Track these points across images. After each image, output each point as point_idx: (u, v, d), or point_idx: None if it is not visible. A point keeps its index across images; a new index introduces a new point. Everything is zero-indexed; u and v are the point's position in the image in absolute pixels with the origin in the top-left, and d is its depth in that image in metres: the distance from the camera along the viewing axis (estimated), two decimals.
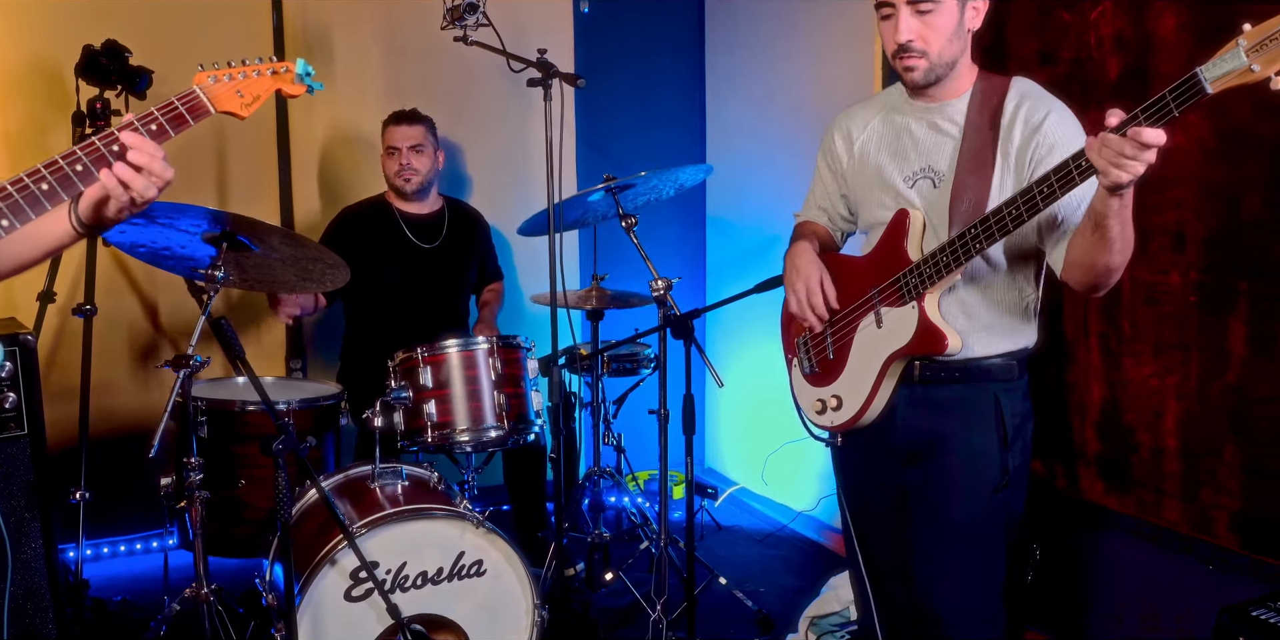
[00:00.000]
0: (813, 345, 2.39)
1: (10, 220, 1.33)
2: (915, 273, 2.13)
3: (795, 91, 4.17)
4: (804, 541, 4.09)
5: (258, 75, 1.57)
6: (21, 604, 2.71)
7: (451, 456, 3.32)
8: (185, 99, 1.50)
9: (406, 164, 3.68)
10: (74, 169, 1.39)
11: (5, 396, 2.70)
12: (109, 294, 3.73)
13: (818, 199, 2.51)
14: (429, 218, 3.81)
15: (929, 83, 2.16)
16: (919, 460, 2.26)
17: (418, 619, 2.62)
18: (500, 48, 2.99)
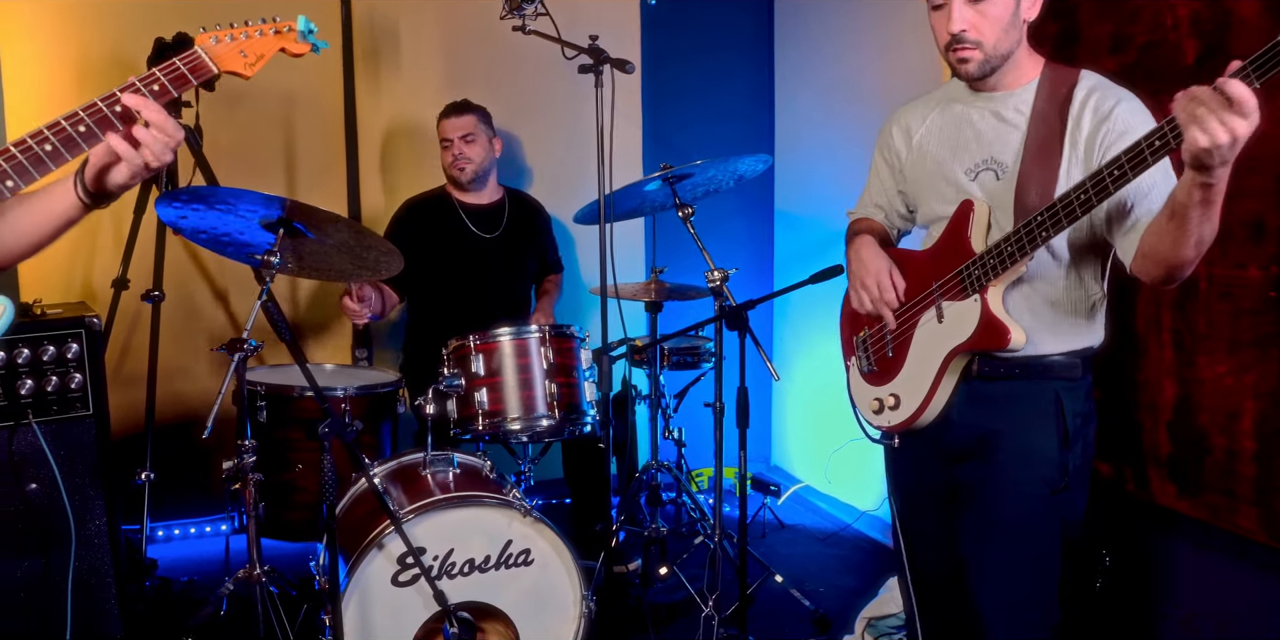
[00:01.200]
0: (872, 343, 2.33)
1: (15, 180, 1.35)
2: (979, 264, 2.06)
3: (863, 84, 4.09)
4: (866, 541, 4.00)
5: (260, 35, 1.56)
6: (85, 579, 2.79)
7: (508, 447, 3.33)
8: (187, 59, 1.50)
9: (460, 154, 3.72)
10: (77, 129, 1.39)
11: (71, 377, 2.78)
12: (179, 281, 3.83)
13: (874, 196, 2.45)
14: (489, 208, 3.84)
15: (983, 75, 2.09)
16: (972, 458, 2.18)
17: (464, 606, 2.63)
18: (555, 36, 2.99)
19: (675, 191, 3.23)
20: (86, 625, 2.80)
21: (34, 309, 2.88)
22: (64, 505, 2.75)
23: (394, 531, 2.51)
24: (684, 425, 3.74)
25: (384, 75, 4.11)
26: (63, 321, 2.81)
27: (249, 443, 2.62)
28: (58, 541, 2.76)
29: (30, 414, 2.74)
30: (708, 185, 3.41)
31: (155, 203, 2.83)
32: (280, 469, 2.97)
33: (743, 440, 2.95)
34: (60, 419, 2.79)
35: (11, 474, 2.72)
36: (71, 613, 2.75)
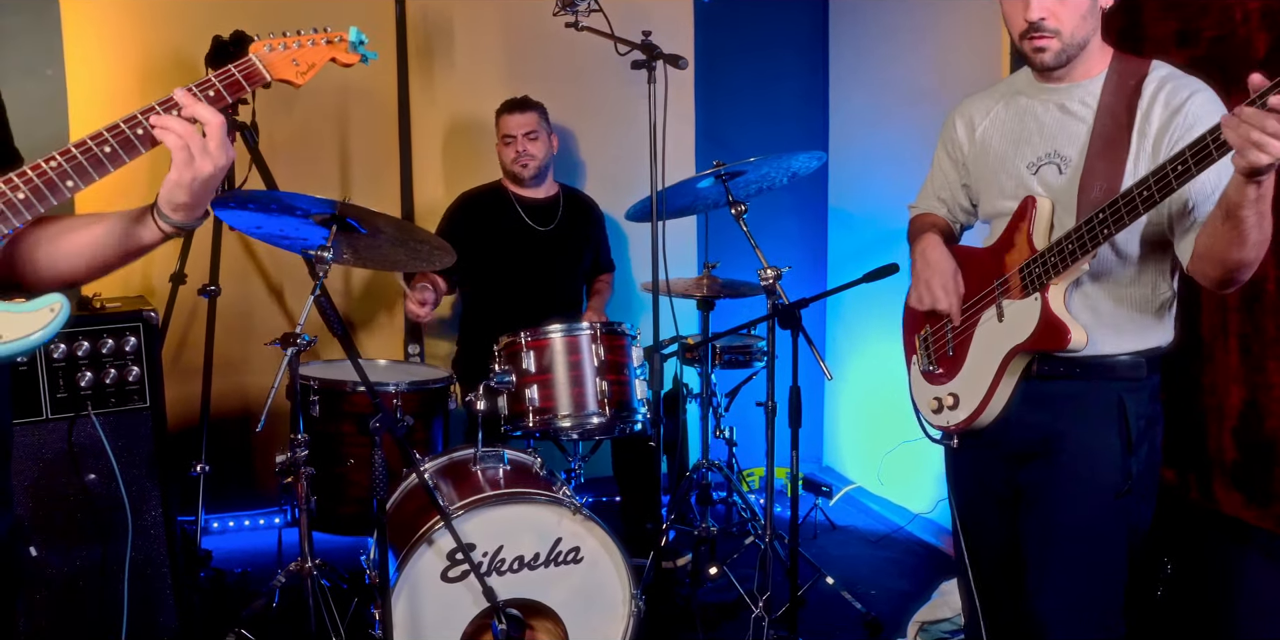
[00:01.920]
0: (933, 342, 2.29)
1: (75, 181, 1.36)
2: (1039, 262, 2.01)
3: (920, 80, 4.03)
4: (919, 545, 3.95)
5: (312, 44, 1.57)
6: (141, 569, 2.84)
7: (559, 444, 3.32)
8: (241, 66, 1.51)
9: (523, 151, 3.73)
10: (135, 132, 1.41)
11: (129, 370, 2.82)
12: (235, 276, 3.87)
13: (936, 189, 2.40)
14: (545, 202, 3.84)
15: (1059, 65, 2.04)
16: (1032, 460, 2.14)
17: (513, 603, 2.63)
18: (609, 32, 2.98)
19: (728, 188, 3.20)
20: (142, 614, 2.84)
21: (93, 302, 2.93)
22: (121, 496, 2.78)
23: (444, 527, 2.52)
24: (735, 424, 3.71)
25: (437, 71, 4.13)
26: (121, 315, 2.85)
27: (301, 437, 2.63)
28: (115, 531, 2.80)
29: (89, 406, 2.78)
30: (761, 182, 3.38)
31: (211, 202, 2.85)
32: (332, 463, 2.99)
33: (795, 440, 2.92)
34: (118, 411, 2.83)
35: (71, 464, 2.77)
36: (128, 601, 2.78)
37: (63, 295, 1.35)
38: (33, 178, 1.33)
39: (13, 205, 1.32)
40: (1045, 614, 2.10)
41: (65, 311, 1.34)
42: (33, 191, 1.33)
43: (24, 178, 1.33)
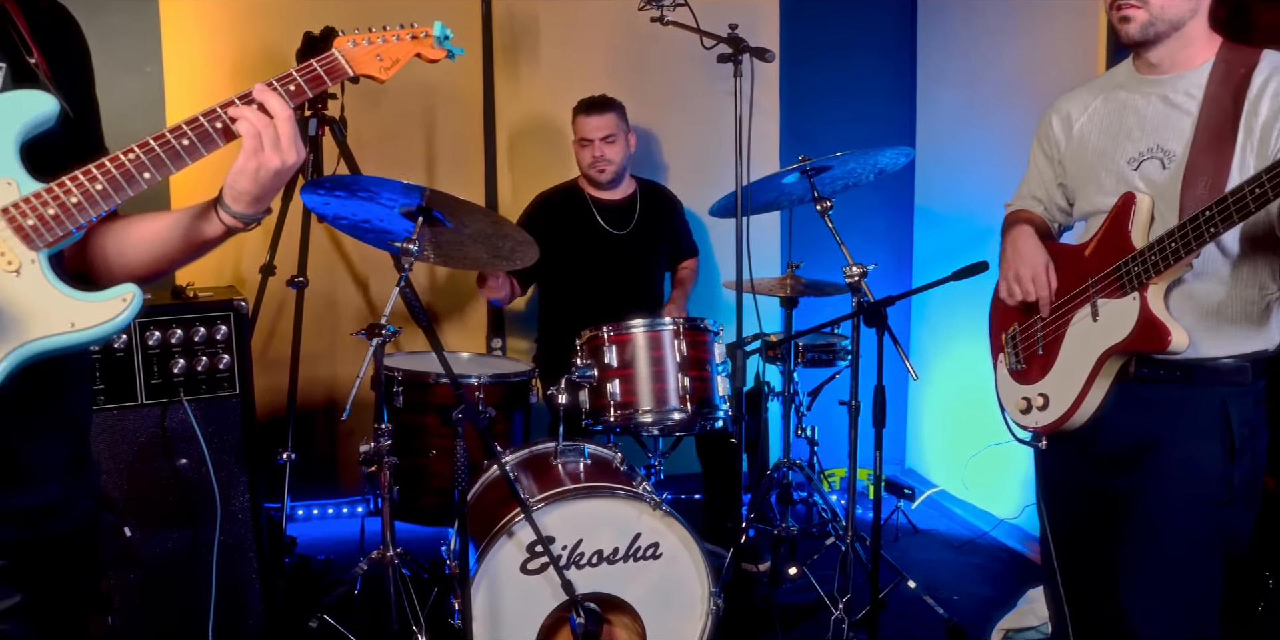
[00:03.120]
0: (1022, 340, 2.23)
1: (151, 172, 1.37)
2: (1139, 260, 1.94)
3: (1012, 75, 3.94)
4: (1004, 551, 3.85)
5: (397, 40, 1.56)
6: (229, 553, 2.89)
7: (639, 439, 3.31)
8: (324, 61, 1.51)
9: (600, 156, 3.70)
10: (214, 125, 1.41)
11: (220, 358, 2.88)
12: (322, 268, 3.94)
13: (1032, 187, 2.34)
14: (621, 203, 3.83)
15: (1146, 39, 1.97)
16: (1126, 466, 2.07)
17: (591, 597, 2.62)
18: (694, 26, 2.97)
19: (814, 184, 3.17)
20: (229, 596, 2.89)
21: (187, 292, 2.99)
22: (211, 481, 2.84)
23: (524, 519, 2.52)
24: (817, 423, 3.67)
25: (523, 68, 4.15)
26: (213, 304, 2.91)
27: (385, 427, 2.66)
28: (204, 515, 2.86)
29: (182, 392, 2.85)
30: (847, 178, 3.33)
31: (301, 190, 2.90)
32: (414, 454, 3.02)
33: (878, 441, 2.88)
34: (209, 398, 2.89)
35: (163, 449, 2.83)
36: (216, 584, 2.84)
37: (136, 286, 1.36)
38: (111, 170, 1.35)
39: (90, 196, 1.34)
40: (1137, 623, 2.03)
41: (138, 301, 1.35)
42: (110, 183, 1.34)
43: (102, 169, 1.35)
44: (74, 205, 1.33)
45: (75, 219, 1.33)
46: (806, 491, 3.85)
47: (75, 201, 1.33)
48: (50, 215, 1.32)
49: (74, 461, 1.48)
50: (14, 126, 1.32)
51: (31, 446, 1.38)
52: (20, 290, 1.30)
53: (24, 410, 1.35)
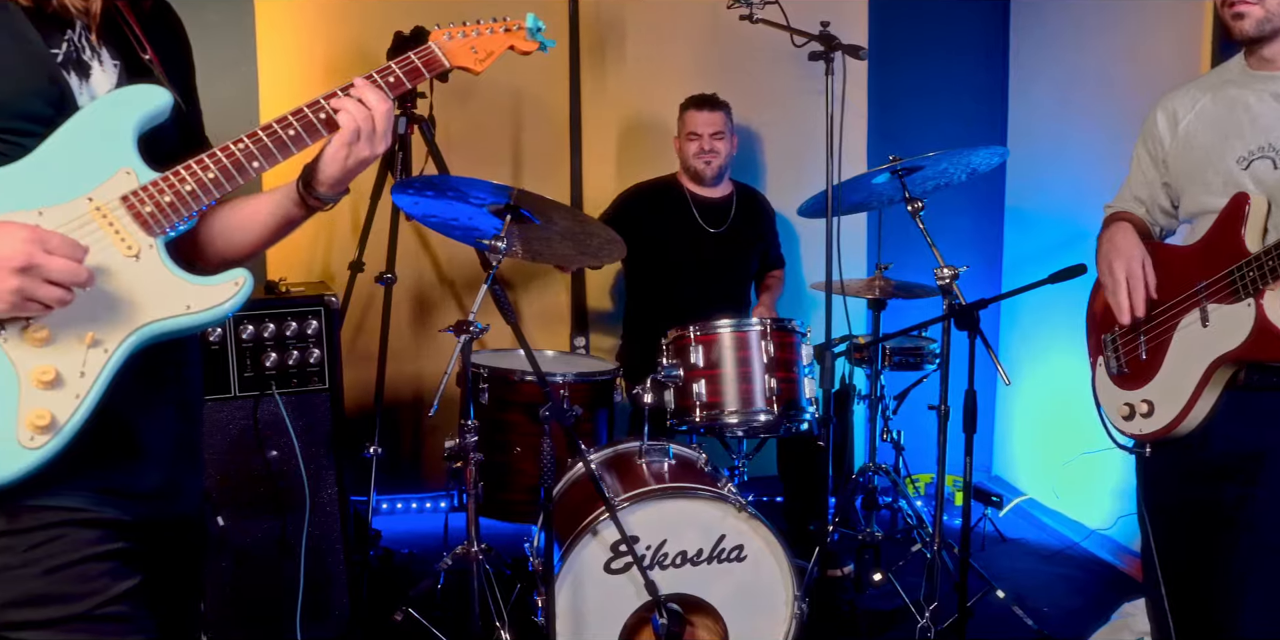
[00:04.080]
0: (1123, 343, 2.15)
1: (260, 161, 1.42)
2: (1255, 265, 1.86)
3: (1109, 72, 3.82)
4: (1096, 562, 3.74)
5: (491, 32, 1.59)
6: (316, 544, 2.94)
7: (723, 440, 3.29)
8: (421, 53, 1.54)
9: (709, 149, 3.70)
10: (318, 116, 1.46)
11: (310, 353, 2.92)
12: (410, 265, 3.98)
13: (1134, 188, 2.26)
14: (719, 201, 3.81)
15: (1261, 35, 1.89)
16: (1237, 476, 1.98)
17: (674, 598, 2.60)
18: (784, 24, 2.93)
19: (905, 184, 3.11)
20: (316, 586, 2.94)
21: (279, 287, 3.05)
22: (300, 473, 2.89)
23: (609, 518, 2.51)
24: (902, 427, 3.60)
25: (609, 67, 4.15)
26: (305, 299, 2.96)
27: (471, 423, 2.67)
28: (293, 507, 2.91)
29: (273, 385, 2.90)
30: (938, 179, 3.27)
31: (391, 189, 2.94)
32: (498, 450, 3.03)
33: (969, 447, 2.82)
34: (299, 391, 2.93)
35: (255, 441, 2.88)
36: (304, 574, 2.89)
37: (246, 270, 1.40)
38: (222, 159, 1.40)
39: (204, 184, 1.38)
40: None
41: (249, 284, 1.41)
42: (222, 172, 1.39)
43: (214, 159, 1.39)
44: (188, 193, 1.38)
45: (190, 206, 1.38)
46: (891, 497, 3.78)
47: (189, 189, 1.38)
48: (167, 203, 1.37)
49: (188, 445, 1.52)
50: (133, 119, 1.37)
51: (150, 428, 1.42)
52: (139, 274, 1.35)
53: (143, 392, 1.39)
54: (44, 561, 1.30)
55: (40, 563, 1.29)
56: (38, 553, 1.29)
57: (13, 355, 1.27)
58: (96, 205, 1.34)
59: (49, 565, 1.30)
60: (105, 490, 1.36)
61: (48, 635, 1.29)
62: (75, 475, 1.31)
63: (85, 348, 1.30)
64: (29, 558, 1.29)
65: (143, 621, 1.36)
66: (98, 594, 1.32)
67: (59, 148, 1.33)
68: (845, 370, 3.68)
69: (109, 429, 1.34)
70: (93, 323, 1.31)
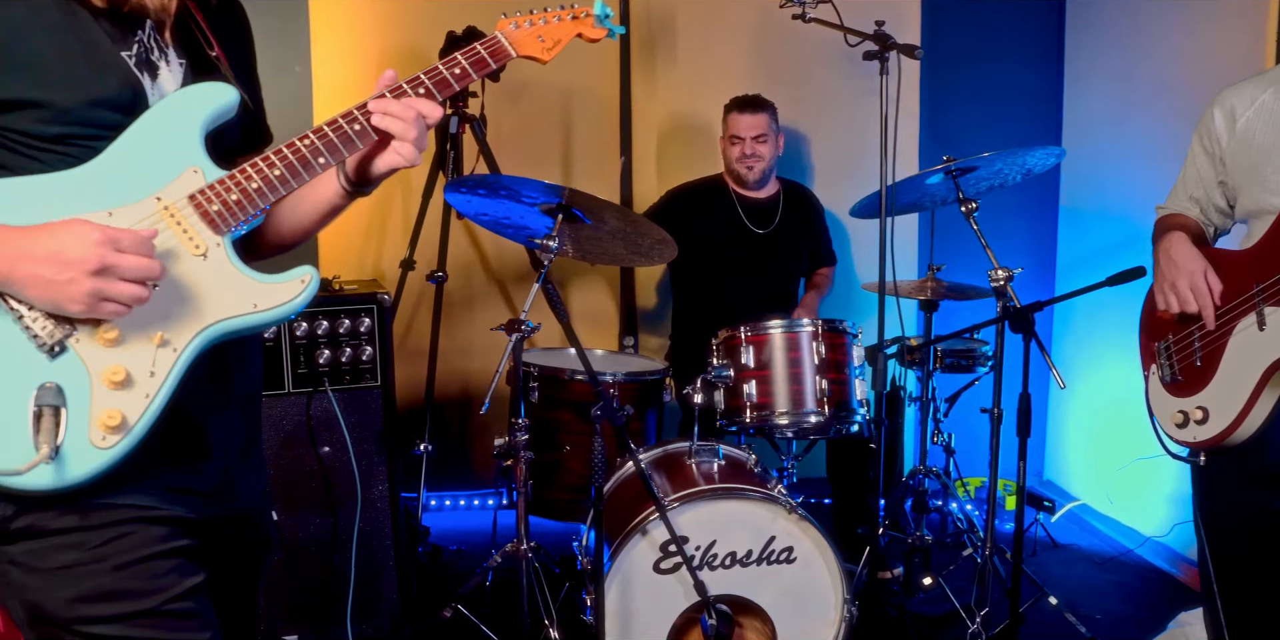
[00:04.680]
0: (1176, 350, 2.12)
1: (326, 157, 1.41)
2: None
3: (1168, 71, 3.76)
4: (1150, 570, 3.68)
5: (558, 20, 1.57)
6: (367, 539, 2.96)
7: (772, 441, 3.28)
8: (487, 44, 1.53)
9: (751, 153, 3.68)
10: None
11: (363, 350, 2.95)
12: (460, 264, 4.00)
13: (1189, 187, 2.22)
14: (765, 202, 3.79)
15: None
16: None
17: (723, 599, 2.59)
18: (838, 23, 2.91)
19: (958, 185, 3.08)
20: (367, 581, 2.96)
21: (333, 284, 3.08)
22: (352, 469, 2.91)
23: (658, 518, 2.51)
24: (953, 430, 3.56)
25: (659, 66, 4.15)
26: (358, 297, 2.98)
27: (522, 421, 2.68)
28: (345, 502, 2.93)
29: (326, 382, 2.92)
30: (992, 179, 3.23)
31: (444, 188, 2.95)
32: (548, 449, 3.04)
33: (1022, 451, 2.79)
34: (352, 388, 2.96)
35: (308, 436, 2.91)
36: (355, 568, 2.91)
37: (313, 267, 1.40)
38: (288, 156, 1.39)
39: (270, 182, 1.38)
40: None
41: (315, 283, 1.40)
42: (288, 168, 1.39)
43: (280, 156, 1.39)
44: (254, 191, 1.38)
45: (256, 204, 1.38)
46: (941, 500, 3.74)
47: (255, 187, 1.38)
48: (233, 201, 1.37)
49: (250, 442, 1.53)
50: (201, 117, 1.38)
51: (215, 427, 1.44)
52: (207, 273, 1.36)
53: (209, 391, 1.41)
54: (114, 558, 1.31)
55: (110, 559, 1.31)
56: (108, 549, 1.31)
57: (84, 355, 1.28)
58: (165, 205, 1.34)
59: (118, 561, 1.31)
60: (172, 488, 1.37)
61: (118, 630, 1.31)
62: (143, 474, 1.32)
63: (154, 347, 1.31)
64: (99, 554, 1.31)
65: (208, 617, 1.37)
66: (165, 590, 1.33)
67: (128, 148, 1.33)
68: (896, 372, 3.64)
69: (176, 428, 1.35)
70: (161, 322, 1.32)
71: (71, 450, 1.26)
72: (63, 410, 1.25)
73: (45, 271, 1.22)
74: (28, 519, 1.29)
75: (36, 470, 1.22)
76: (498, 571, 3.03)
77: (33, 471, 1.22)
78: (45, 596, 1.31)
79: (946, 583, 3.19)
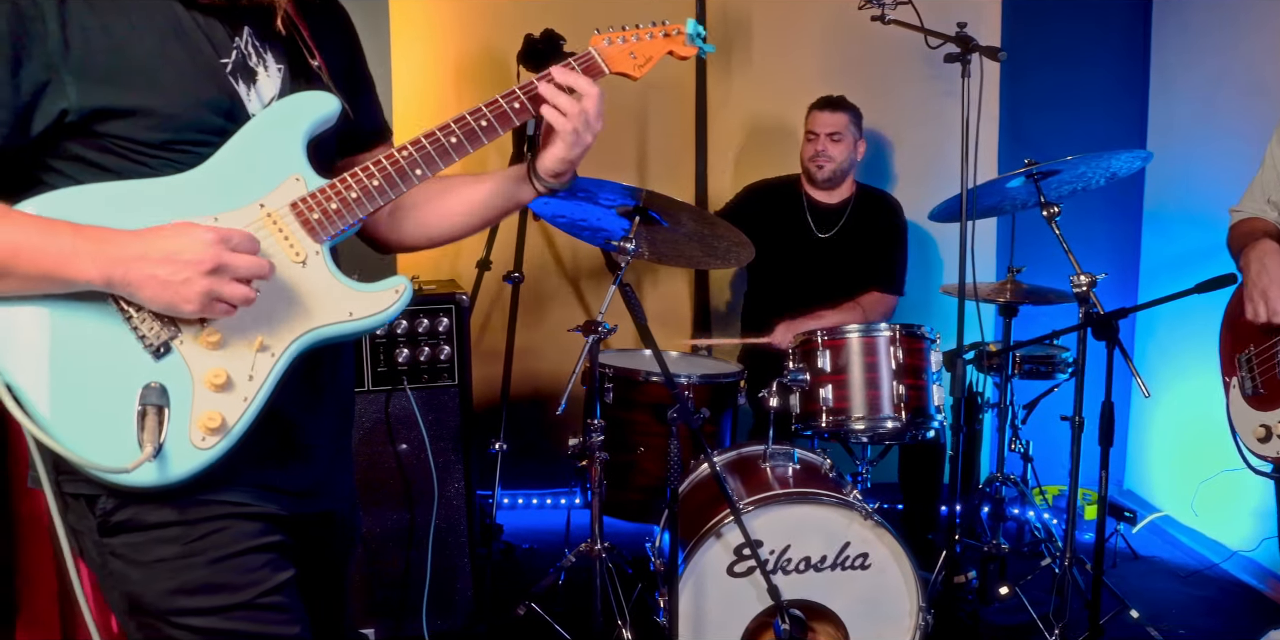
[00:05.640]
0: (1259, 362, 2.06)
1: (423, 169, 1.45)
2: None
3: (1260, 72, 3.64)
4: (1237, 585, 3.58)
5: (650, 37, 1.58)
6: (443, 536, 3.01)
7: (846, 446, 3.25)
8: (581, 60, 1.55)
9: (822, 151, 3.65)
10: (479, 124, 1.48)
11: (441, 349, 2.99)
12: (536, 265, 4.04)
13: (1268, 190, 2.17)
14: (834, 206, 3.75)
15: None
16: None
17: (796, 604, 2.58)
18: (918, 25, 2.88)
19: (1040, 189, 3.02)
20: (442, 577, 3.00)
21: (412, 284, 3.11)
22: (429, 466, 2.96)
23: (733, 521, 2.51)
24: (1032, 439, 3.50)
25: (735, 67, 4.14)
26: (437, 297, 3.02)
27: (598, 422, 2.70)
28: (421, 499, 2.97)
29: (405, 380, 2.97)
30: (1075, 183, 3.17)
31: None
32: (621, 450, 3.04)
33: (1105, 460, 2.74)
34: (429, 387, 3.00)
35: (387, 434, 2.96)
36: (430, 565, 2.96)
37: (405, 278, 1.43)
38: (386, 167, 1.42)
39: (368, 191, 1.41)
40: None
41: (409, 293, 1.43)
42: (385, 179, 1.42)
43: (379, 166, 1.42)
44: (354, 200, 1.41)
45: (355, 213, 1.41)
46: (1017, 508, 3.68)
47: (355, 196, 1.41)
48: (333, 209, 1.40)
49: (341, 441, 1.57)
50: (303, 125, 1.41)
51: (309, 428, 1.47)
52: (305, 280, 1.38)
53: (304, 393, 1.44)
54: (210, 552, 1.34)
55: (206, 553, 1.34)
56: (204, 543, 1.34)
57: (188, 357, 1.31)
58: (268, 212, 1.37)
59: (214, 555, 1.34)
60: (264, 486, 1.40)
61: (213, 622, 1.34)
62: (237, 472, 1.35)
63: (254, 352, 1.34)
64: (196, 547, 1.34)
65: (299, 612, 1.40)
66: (258, 584, 1.36)
67: (233, 154, 1.36)
68: (972, 378, 3.59)
69: (272, 429, 1.38)
70: (261, 327, 1.34)
71: (172, 449, 1.29)
72: (166, 410, 1.28)
73: (161, 272, 1.24)
74: (127, 512, 1.33)
75: (140, 468, 1.26)
76: (570, 571, 3.05)
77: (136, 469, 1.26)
78: (145, 588, 1.34)
79: (1023, 592, 3.14)
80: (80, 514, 1.35)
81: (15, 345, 1.28)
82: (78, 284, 1.25)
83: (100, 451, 1.26)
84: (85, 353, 1.29)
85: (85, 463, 1.25)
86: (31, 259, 1.23)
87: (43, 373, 1.27)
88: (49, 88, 1.27)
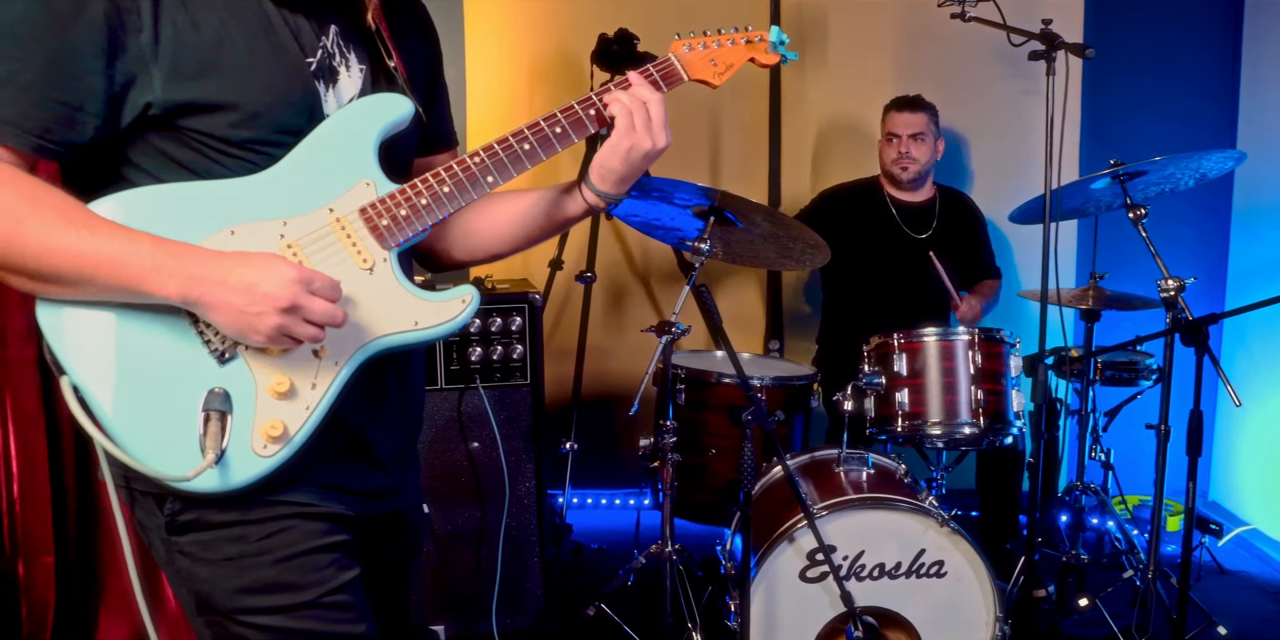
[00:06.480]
0: None
1: (494, 176, 1.41)
2: None
3: None
4: None
5: (731, 44, 1.54)
6: (513, 535, 3.01)
7: (921, 451, 3.19)
8: (660, 66, 1.51)
9: (905, 152, 3.60)
10: (553, 130, 1.44)
11: (514, 348, 3.00)
12: (608, 264, 4.03)
13: None
14: (921, 206, 3.70)
15: None
16: None
17: (869, 611, 2.55)
18: (1000, 22, 2.82)
19: (1126, 190, 2.94)
20: (512, 575, 3.02)
21: (485, 284, 3.14)
22: (501, 464, 2.97)
23: (806, 526, 2.48)
24: (1114, 447, 3.41)
25: (809, 67, 4.09)
26: (510, 296, 3.03)
27: (670, 423, 2.68)
28: (493, 497, 2.99)
29: (478, 379, 2.98)
30: (1162, 184, 3.08)
31: None
32: (692, 451, 3.03)
33: (1192, 471, 2.66)
34: (502, 385, 3.00)
35: (458, 432, 2.98)
36: (501, 563, 2.97)
37: (474, 288, 1.41)
38: (458, 173, 1.40)
39: (439, 198, 1.39)
40: None
41: (476, 302, 1.40)
42: (456, 186, 1.40)
43: (450, 173, 1.40)
44: (423, 207, 1.38)
45: (424, 220, 1.39)
46: (1097, 518, 3.59)
47: (425, 203, 1.38)
48: (402, 216, 1.37)
49: (408, 446, 1.56)
50: (376, 129, 1.38)
51: (373, 429, 1.45)
52: (372, 288, 1.36)
53: (369, 399, 1.42)
54: (275, 551, 1.34)
55: (271, 552, 1.34)
56: (269, 542, 1.34)
57: (252, 364, 1.30)
58: (337, 217, 1.35)
59: (280, 555, 1.34)
60: (331, 486, 1.39)
61: (279, 620, 1.34)
62: (304, 473, 1.35)
63: (318, 360, 1.32)
64: (261, 547, 1.34)
65: (364, 610, 1.40)
66: (324, 583, 1.36)
67: (305, 157, 1.34)
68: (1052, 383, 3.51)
69: (336, 434, 1.37)
70: (326, 336, 1.32)
71: (234, 456, 1.28)
72: (229, 416, 1.27)
73: (237, 301, 1.23)
74: (193, 514, 1.33)
75: (201, 475, 1.25)
76: (640, 572, 3.04)
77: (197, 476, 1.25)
78: (212, 587, 1.35)
79: (1103, 605, 3.05)
80: (149, 511, 1.35)
81: (84, 347, 1.27)
82: (154, 299, 1.24)
83: (161, 457, 1.26)
84: (151, 355, 1.28)
85: (145, 470, 1.24)
86: (111, 271, 1.22)
87: (109, 375, 1.26)
88: (138, 80, 1.26)
